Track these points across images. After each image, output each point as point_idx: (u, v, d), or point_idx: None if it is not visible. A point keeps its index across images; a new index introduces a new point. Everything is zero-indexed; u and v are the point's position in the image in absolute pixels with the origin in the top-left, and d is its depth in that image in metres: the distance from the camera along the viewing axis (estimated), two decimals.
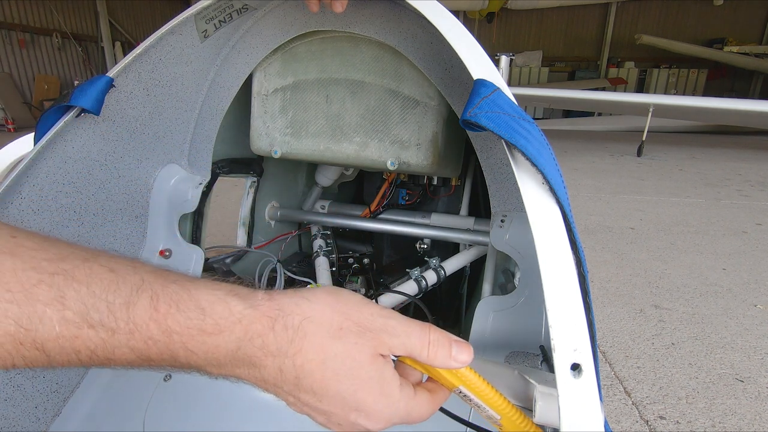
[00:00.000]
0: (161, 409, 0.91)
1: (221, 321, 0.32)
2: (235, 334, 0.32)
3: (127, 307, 0.30)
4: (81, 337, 0.30)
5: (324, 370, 0.33)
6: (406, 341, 0.36)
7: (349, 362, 0.33)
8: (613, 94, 10.69)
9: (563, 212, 0.49)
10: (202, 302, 0.32)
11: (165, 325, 0.31)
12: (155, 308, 0.31)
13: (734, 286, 2.86)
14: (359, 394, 0.34)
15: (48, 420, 0.84)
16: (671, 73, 14.76)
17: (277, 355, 0.33)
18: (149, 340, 0.31)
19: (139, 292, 0.31)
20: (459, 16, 6.47)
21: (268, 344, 0.33)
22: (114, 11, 12.64)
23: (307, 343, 0.33)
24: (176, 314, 0.31)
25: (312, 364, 0.33)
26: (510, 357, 0.81)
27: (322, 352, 0.33)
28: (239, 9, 0.92)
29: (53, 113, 0.79)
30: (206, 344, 0.32)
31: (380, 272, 1.46)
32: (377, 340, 0.35)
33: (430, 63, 0.91)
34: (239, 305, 0.33)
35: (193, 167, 1.08)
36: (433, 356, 0.36)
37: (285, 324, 0.33)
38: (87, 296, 0.30)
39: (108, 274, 0.31)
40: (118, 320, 0.30)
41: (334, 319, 0.34)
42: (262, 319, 0.33)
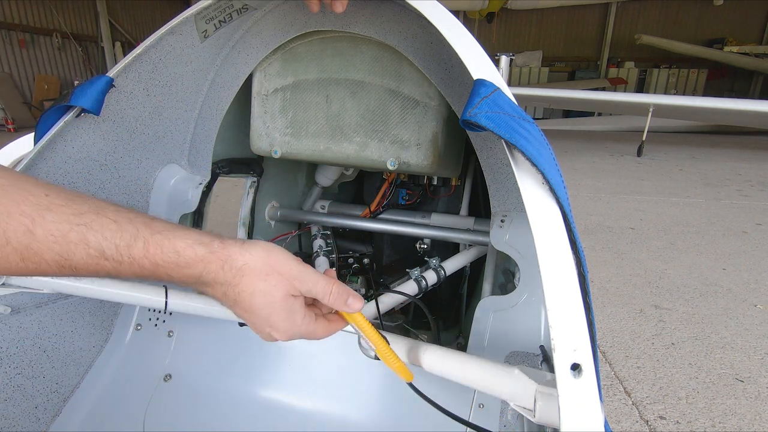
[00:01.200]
0: (161, 409, 0.91)
1: (189, 260, 0.48)
2: (198, 269, 0.48)
3: (128, 248, 0.46)
4: (100, 265, 0.46)
5: (251, 298, 0.50)
6: (312, 288, 0.52)
7: (268, 297, 0.50)
8: (613, 94, 10.69)
9: (563, 212, 0.49)
10: (177, 247, 0.48)
11: (153, 261, 0.47)
12: (147, 250, 0.47)
13: (734, 286, 2.86)
14: (272, 317, 0.51)
15: (48, 420, 0.84)
16: (671, 73, 14.76)
17: (223, 283, 0.50)
18: (143, 269, 0.47)
19: (136, 239, 0.46)
20: (459, 16, 6.46)
21: (218, 277, 0.49)
22: (114, 11, 12.63)
23: (243, 281, 0.49)
24: (160, 254, 0.47)
25: (244, 294, 0.50)
26: (510, 357, 0.81)
27: (251, 287, 0.50)
28: (239, 9, 0.92)
29: (53, 113, 0.79)
30: (180, 273, 0.48)
31: (380, 272, 1.46)
32: (289, 284, 0.51)
33: (430, 63, 0.91)
34: (202, 250, 0.48)
35: (193, 167, 1.08)
36: (333, 302, 0.54)
37: (231, 265, 0.49)
38: (102, 240, 0.45)
39: (113, 224, 0.46)
40: (123, 256, 0.46)
41: (263, 267, 0.50)
42: (216, 261, 0.49)
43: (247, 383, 0.93)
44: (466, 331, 1.17)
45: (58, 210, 0.44)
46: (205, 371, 0.95)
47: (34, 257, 0.44)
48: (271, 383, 0.92)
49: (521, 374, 0.56)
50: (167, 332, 0.98)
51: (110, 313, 0.97)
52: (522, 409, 0.54)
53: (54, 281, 0.79)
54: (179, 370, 0.96)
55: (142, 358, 0.97)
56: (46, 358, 0.84)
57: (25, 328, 0.81)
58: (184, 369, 0.96)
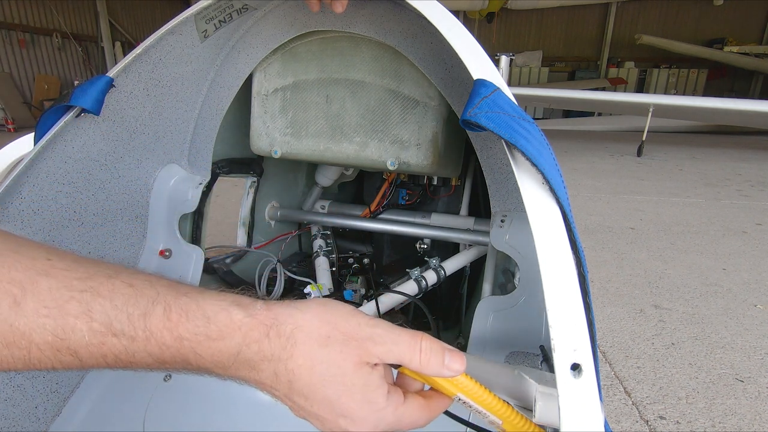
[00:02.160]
0: (161, 409, 0.91)
1: (224, 328, 0.36)
2: (236, 340, 0.36)
3: (144, 317, 0.35)
4: (107, 344, 0.35)
5: (312, 375, 0.36)
6: (393, 348, 0.38)
7: (334, 369, 0.36)
8: (613, 94, 10.69)
9: (563, 212, 0.49)
10: (207, 311, 0.36)
11: (176, 333, 0.36)
12: (168, 317, 0.36)
13: (734, 286, 2.86)
14: (343, 399, 0.36)
15: (48, 420, 0.84)
16: (671, 73, 14.76)
17: (272, 359, 0.36)
18: (163, 345, 0.36)
19: (155, 304, 0.36)
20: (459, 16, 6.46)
21: (263, 349, 0.36)
22: (114, 11, 12.63)
23: (298, 350, 0.36)
24: (186, 323, 0.36)
25: (302, 369, 0.36)
26: (510, 357, 0.81)
27: (310, 358, 0.36)
28: (239, 9, 0.92)
29: (53, 113, 0.79)
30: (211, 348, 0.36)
31: (380, 272, 1.46)
32: (362, 349, 0.37)
33: (430, 63, 0.91)
34: (239, 314, 0.37)
35: (193, 167, 1.08)
36: (425, 364, 0.38)
37: (278, 332, 0.36)
38: (110, 309, 0.35)
39: (128, 289, 0.36)
40: (137, 329, 0.35)
41: (322, 328, 0.37)
42: (259, 327, 0.36)
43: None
44: (466, 331, 1.17)
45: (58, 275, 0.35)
46: None
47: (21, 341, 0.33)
48: None
49: (521, 374, 0.56)
50: None
51: None
52: (522, 409, 0.54)
53: None
54: None
55: None
56: None
57: None
58: None
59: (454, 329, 1.43)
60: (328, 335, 0.37)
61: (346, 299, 1.17)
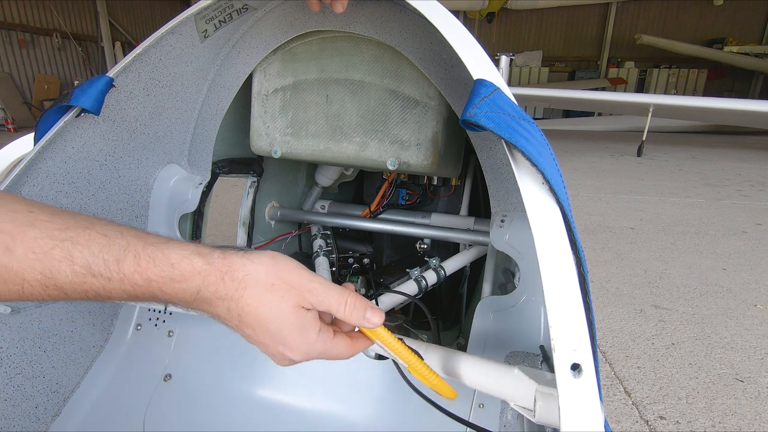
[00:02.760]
0: (161, 409, 0.91)
1: (186, 273, 0.43)
2: (196, 283, 0.44)
3: (117, 263, 0.42)
4: (87, 283, 0.42)
5: (258, 313, 0.44)
6: (325, 300, 0.47)
7: (276, 310, 0.45)
8: (613, 94, 10.69)
9: (563, 212, 0.49)
10: (172, 259, 0.43)
11: (145, 275, 0.43)
12: (137, 263, 0.42)
13: (734, 286, 2.86)
14: (283, 332, 0.45)
15: (48, 420, 0.84)
16: (671, 73, 14.76)
17: (225, 298, 0.44)
18: (135, 285, 0.43)
19: (126, 251, 0.43)
20: (459, 16, 6.46)
21: (218, 290, 0.44)
22: (114, 11, 12.63)
23: (247, 293, 0.44)
24: (153, 268, 0.43)
25: (250, 308, 0.44)
26: (510, 357, 0.81)
27: (257, 300, 0.44)
28: (239, 9, 0.92)
29: (53, 113, 0.79)
30: (175, 288, 0.44)
31: (380, 272, 1.46)
32: (300, 296, 0.46)
33: (430, 63, 0.91)
34: (199, 262, 0.44)
35: (193, 167, 1.08)
36: (348, 316, 0.48)
37: (232, 277, 0.44)
38: (89, 255, 0.42)
39: (102, 238, 0.43)
40: (112, 272, 0.42)
41: (269, 277, 0.45)
42: (215, 272, 0.44)
43: (247, 383, 0.93)
44: (466, 331, 1.17)
45: (41, 225, 0.41)
46: (205, 371, 0.95)
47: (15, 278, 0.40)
48: (271, 383, 0.92)
49: (521, 374, 0.56)
50: (167, 332, 0.98)
51: (110, 313, 0.97)
52: (522, 409, 0.54)
53: None
54: (179, 370, 0.96)
55: (142, 358, 0.97)
56: (46, 358, 0.84)
57: (25, 328, 0.81)
58: (184, 369, 0.96)
59: (454, 329, 1.43)
60: (273, 283, 0.45)
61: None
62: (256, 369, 0.93)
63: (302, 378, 0.91)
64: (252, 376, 0.93)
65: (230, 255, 0.45)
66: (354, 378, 0.88)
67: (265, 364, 0.93)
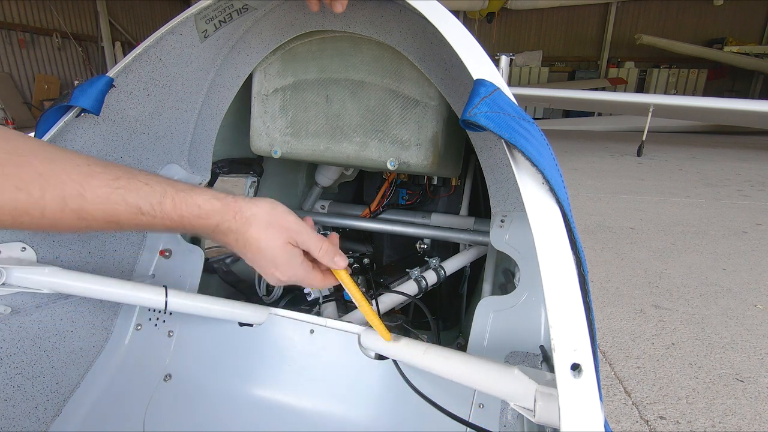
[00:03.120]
0: (161, 409, 0.91)
1: (208, 211, 0.59)
2: (215, 219, 0.59)
3: (159, 204, 0.56)
4: (137, 219, 0.56)
5: (259, 244, 0.61)
6: (306, 241, 0.64)
7: (272, 243, 0.61)
8: (613, 94, 10.68)
9: (563, 212, 0.49)
10: (198, 201, 0.59)
11: (179, 213, 0.57)
12: (174, 205, 0.57)
13: (734, 286, 2.86)
14: (276, 260, 0.62)
15: (48, 420, 0.84)
16: (671, 73, 14.76)
17: (235, 231, 0.60)
18: (172, 220, 0.57)
19: (164, 196, 0.57)
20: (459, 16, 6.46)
21: (230, 226, 0.60)
22: (114, 11, 12.63)
23: (252, 228, 0.60)
24: (185, 208, 0.58)
25: (252, 239, 0.61)
26: (510, 357, 0.81)
27: (258, 234, 0.61)
28: (239, 9, 0.92)
29: (53, 113, 0.79)
30: (200, 223, 0.59)
31: (380, 272, 1.46)
32: (289, 235, 0.62)
33: (430, 63, 0.91)
34: (217, 204, 0.59)
35: (193, 167, 1.08)
36: (322, 257, 0.65)
37: (241, 216, 0.60)
38: (137, 199, 0.55)
39: (145, 186, 0.56)
40: (155, 211, 0.56)
41: (267, 219, 0.61)
42: (229, 212, 0.60)
43: (247, 383, 0.93)
44: (466, 331, 1.17)
45: (99, 176, 0.53)
46: (205, 371, 0.95)
47: (87, 216, 0.53)
48: (271, 383, 0.92)
49: (521, 374, 0.56)
50: (167, 332, 0.98)
51: (110, 313, 0.97)
52: (522, 409, 0.54)
53: (54, 281, 0.79)
54: (179, 370, 0.96)
55: (142, 358, 0.97)
56: (46, 358, 0.84)
57: (25, 328, 0.81)
58: (184, 369, 0.96)
59: (454, 329, 1.43)
60: (270, 222, 0.61)
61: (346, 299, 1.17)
62: (256, 369, 0.93)
63: (302, 378, 0.91)
64: (252, 376, 0.93)
65: (240, 199, 0.61)
66: (354, 378, 0.88)
67: (265, 364, 0.93)
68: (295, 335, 0.92)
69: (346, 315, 1.02)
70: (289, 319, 0.92)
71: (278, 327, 0.93)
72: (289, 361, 0.92)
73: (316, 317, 0.92)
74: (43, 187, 0.50)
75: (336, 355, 0.90)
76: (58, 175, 0.51)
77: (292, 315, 0.92)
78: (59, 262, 0.86)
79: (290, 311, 0.93)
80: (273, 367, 0.92)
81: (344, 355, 0.89)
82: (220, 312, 0.89)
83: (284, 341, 0.92)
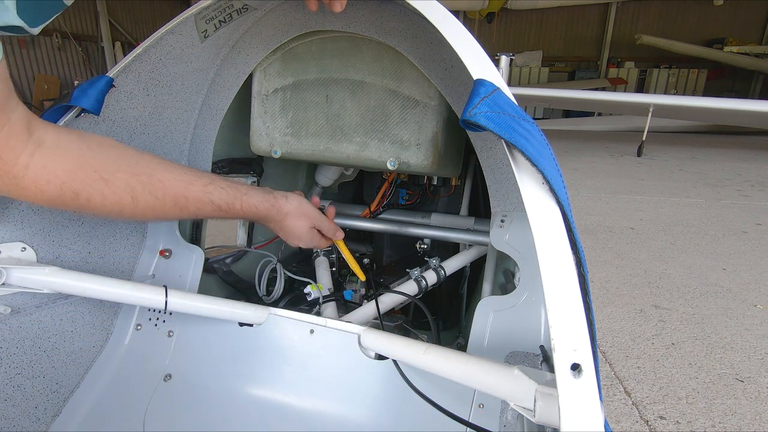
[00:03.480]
0: (161, 409, 0.91)
1: (262, 210, 0.84)
2: (264, 212, 0.85)
3: (232, 204, 0.79)
4: (217, 213, 0.79)
5: (293, 230, 0.90)
6: (322, 225, 0.95)
7: (301, 229, 0.91)
8: (613, 94, 10.67)
9: (563, 212, 0.49)
10: (255, 202, 0.83)
11: (244, 211, 0.81)
12: (241, 205, 0.80)
13: (734, 286, 2.86)
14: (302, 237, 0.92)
15: (48, 420, 0.84)
16: (671, 73, 14.74)
17: (277, 221, 0.88)
18: (239, 213, 0.81)
19: (235, 199, 0.79)
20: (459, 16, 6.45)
21: (273, 216, 0.87)
22: (114, 11, 12.63)
23: (287, 219, 0.89)
24: (248, 208, 0.82)
25: (288, 226, 0.90)
26: (510, 357, 0.81)
27: (292, 223, 0.89)
28: (239, 9, 0.92)
29: (53, 113, 0.79)
30: (255, 215, 0.85)
31: (380, 272, 1.46)
32: (312, 222, 0.92)
33: (430, 63, 0.91)
34: (267, 204, 0.85)
35: (193, 167, 1.08)
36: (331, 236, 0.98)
37: (280, 210, 0.87)
38: (218, 199, 0.77)
39: (222, 190, 0.78)
40: (230, 208, 0.79)
41: (298, 212, 0.89)
42: (272, 209, 0.86)
43: (247, 383, 0.93)
44: (466, 331, 1.17)
45: (195, 182, 0.75)
46: (205, 371, 0.95)
47: (185, 211, 0.75)
48: (271, 383, 0.92)
49: (521, 374, 0.56)
50: (167, 332, 0.99)
51: (110, 313, 0.97)
52: (522, 409, 0.54)
53: (54, 281, 0.79)
54: (179, 370, 0.96)
55: (142, 358, 0.97)
56: (46, 358, 0.85)
57: (25, 328, 0.81)
58: (184, 369, 0.96)
59: (454, 329, 1.44)
60: (300, 216, 0.90)
61: (346, 299, 1.17)
62: (256, 369, 0.93)
63: (302, 378, 0.91)
64: (252, 376, 0.93)
65: (279, 197, 0.87)
66: (354, 378, 0.88)
67: (265, 364, 0.93)
68: (295, 335, 0.92)
69: (346, 315, 1.02)
70: (289, 319, 0.92)
71: (278, 327, 0.93)
72: (289, 361, 0.92)
73: (316, 317, 0.92)
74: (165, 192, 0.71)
75: (336, 355, 0.90)
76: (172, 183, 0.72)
77: (292, 315, 0.92)
78: (59, 262, 0.86)
79: (290, 311, 0.93)
80: (273, 367, 0.92)
81: (344, 355, 0.89)
82: (220, 312, 0.89)
83: (284, 341, 0.92)
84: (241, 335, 0.94)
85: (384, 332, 0.84)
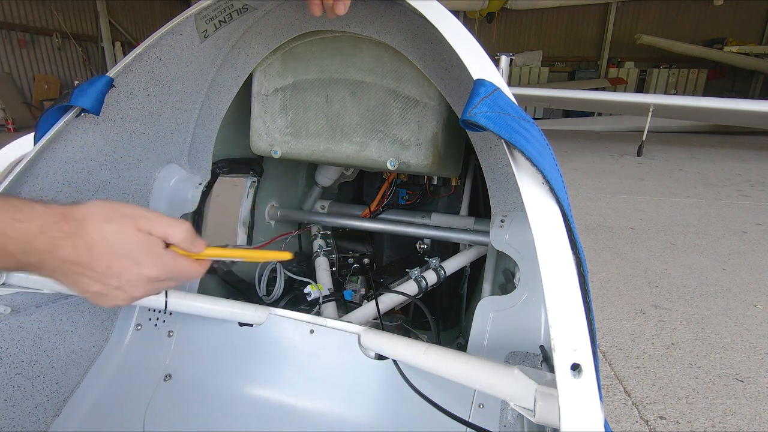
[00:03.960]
0: (161, 409, 0.91)
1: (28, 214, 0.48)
2: (38, 222, 0.48)
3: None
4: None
5: (106, 242, 0.49)
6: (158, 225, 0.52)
7: (120, 235, 0.50)
8: (613, 94, 10.67)
9: (563, 212, 0.49)
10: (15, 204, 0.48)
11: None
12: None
13: (734, 286, 2.86)
14: (134, 253, 0.50)
15: (48, 420, 0.84)
16: (671, 73, 14.74)
17: (70, 236, 0.48)
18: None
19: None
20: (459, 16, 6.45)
21: (62, 227, 0.48)
22: (114, 11, 12.62)
23: (89, 227, 0.49)
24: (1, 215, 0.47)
25: (96, 240, 0.49)
26: (510, 357, 0.81)
27: (100, 231, 0.49)
28: (239, 9, 0.92)
29: (53, 113, 0.79)
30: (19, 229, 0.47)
31: (380, 272, 1.46)
32: (135, 222, 0.51)
33: (430, 63, 0.91)
34: (40, 207, 0.49)
35: (193, 167, 1.08)
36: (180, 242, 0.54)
37: (72, 217, 0.49)
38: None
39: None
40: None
41: (104, 212, 0.50)
42: (55, 214, 0.49)
43: (247, 383, 0.93)
44: (466, 331, 1.17)
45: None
46: (205, 371, 0.95)
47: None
48: (271, 383, 0.92)
49: (521, 374, 0.56)
50: (167, 332, 0.98)
51: (110, 313, 0.97)
52: (522, 409, 0.54)
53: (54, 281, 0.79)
54: (179, 370, 0.96)
55: (142, 358, 0.97)
56: (46, 358, 0.84)
57: (25, 328, 0.81)
58: (184, 369, 0.96)
59: (454, 329, 1.43)
60: (110, 215, 0.50)
61: (346, 299, 1.17)
62: (256, 369, 0.93)
63: (302, 378, 0.91)
64: (252, 376, 0.93)
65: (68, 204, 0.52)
66: (354, 378, 0.88)
67: (265, 364, 0.93)
68: (294, 335, 0.92)
69: (346, 315, 1.02)
70: (289, 319, 0.92)
71: (278, 327, 0.93)
72: (289, 361, 0.92)
73: (316, 317, 0.92)
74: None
75: (336, 355, 0.90)
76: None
77: (292, 315, 0.92)
78: None
79: (290, 311, 0.93)
80: (273, 367, 0.92)
81: (344, 355, 0.89)
82: (220, 312, 0.89)
83: (284, 341, 0.92)
84: (241, 335, 0.94)
85: (384, 332, 0.84)
